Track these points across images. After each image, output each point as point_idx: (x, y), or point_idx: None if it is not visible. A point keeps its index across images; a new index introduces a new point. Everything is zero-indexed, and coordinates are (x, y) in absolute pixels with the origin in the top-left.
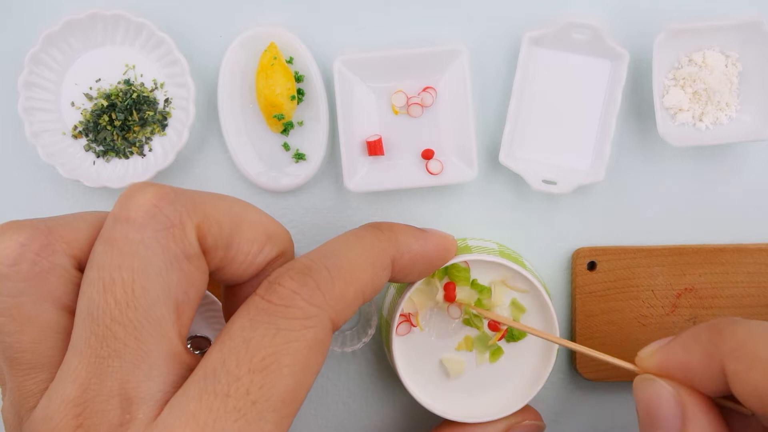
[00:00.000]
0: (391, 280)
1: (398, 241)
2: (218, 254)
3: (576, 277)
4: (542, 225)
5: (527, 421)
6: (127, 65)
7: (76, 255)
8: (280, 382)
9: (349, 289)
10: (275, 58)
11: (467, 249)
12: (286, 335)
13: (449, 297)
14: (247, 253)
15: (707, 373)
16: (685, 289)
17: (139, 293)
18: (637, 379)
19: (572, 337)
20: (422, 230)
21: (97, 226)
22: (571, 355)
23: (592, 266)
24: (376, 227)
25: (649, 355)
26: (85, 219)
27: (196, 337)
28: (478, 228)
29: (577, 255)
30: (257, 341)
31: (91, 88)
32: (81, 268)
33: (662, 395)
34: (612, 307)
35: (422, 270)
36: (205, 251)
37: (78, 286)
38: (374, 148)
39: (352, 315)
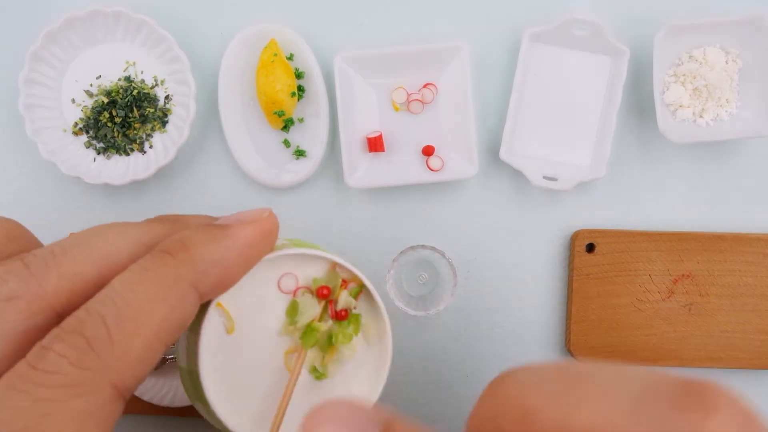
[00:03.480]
0: (207, 299)
1: (196, 259)
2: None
3: (574, 258)
4: (542, 223)
5: None
6: (127, 62)
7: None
8: None
9: (135, 342)
10: (275, 55)
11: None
12: (44, 407)
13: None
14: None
15: None
16: (683, 275)
17: None
18: None
19: (567, 319)
20: (224, 228)
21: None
22: (566, 336)
23: (590, 248)
24: (165, 251)
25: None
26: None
27: None
28: (478, 224)
29: (576, 236)
30: (9, 415)
31: (91, 85)
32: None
33: None
34: (609, 290)
35: (242, 271)
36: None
37: None
38: (375, 144)
39: (152, 368)
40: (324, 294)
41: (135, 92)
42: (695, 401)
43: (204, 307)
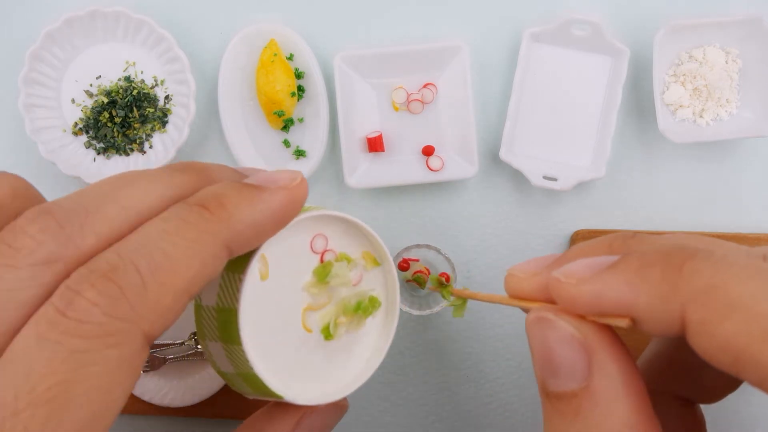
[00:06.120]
0: (232, 257)
1: (232, 219)
2: None
3: None
4: (542, 223)
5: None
6: (127, 62)
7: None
8: (70, 417)
9: (167, 293)
10: (275, 55)
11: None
12: (80, 358)
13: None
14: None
15: (657, 317)
16: None
17: None
18: (531, 315)
19: None
20: (259, 190)
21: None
22: None
23: None
24: (202, 206)
25: (574, 284)
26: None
27: None
28: (478, 224)
29: (576, 236)
30: (42, 366)
31: (91, 85)
32: None
33: (564, 338)
34: None
35: (270, 233)
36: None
37: None
38: (374, 144)
39: (177, 318)
40: (447, 278)
41: (135, 92)
42: None
43: (252, 251)
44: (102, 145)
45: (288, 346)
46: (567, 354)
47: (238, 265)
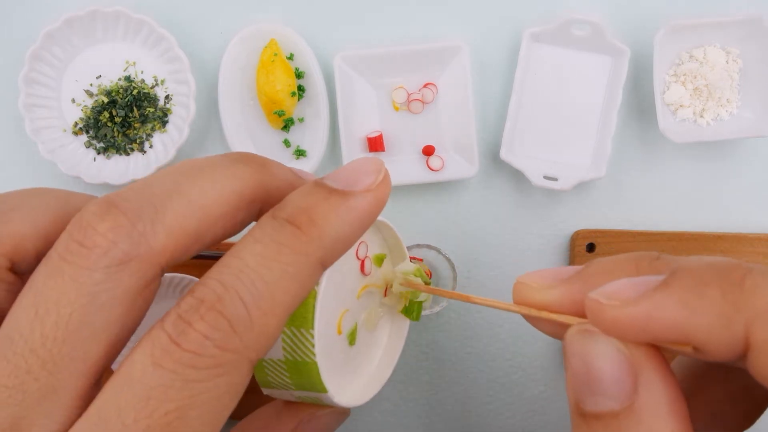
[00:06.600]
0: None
1: (324, 237)
2: (190, 253)
3: (575, 258)
4: (542, 223)
5: (327, 410)
6: (127, 62)
7: (10, 254)
8: None
9: (270, 322)
10: (276, 55)
11: None
12: (195, 387)
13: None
14: (221, 237)
15: (719, 340)
16: None
17: (74, 328)
18: (574, 331)
19: None
20: (345, 197)
21: (52, 216)
22: None
23: (591, 248)
24: (293, 224)
25: (619, 306)
26: (40, 205)
27: None
28: (478, 224)
29: (576, 236)
30: (160, 393)
31: (91, 85)
32: (21, 269)
33: (609, 354)
34: None
35: (356, 240)
36: (171, 264)
37: (11, 291)
38: (375, 144)
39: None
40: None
41: (135, 92)
42: None
43: None
44: (102, 144)
45: (328, 344)
46: (612, 371)
47: None
